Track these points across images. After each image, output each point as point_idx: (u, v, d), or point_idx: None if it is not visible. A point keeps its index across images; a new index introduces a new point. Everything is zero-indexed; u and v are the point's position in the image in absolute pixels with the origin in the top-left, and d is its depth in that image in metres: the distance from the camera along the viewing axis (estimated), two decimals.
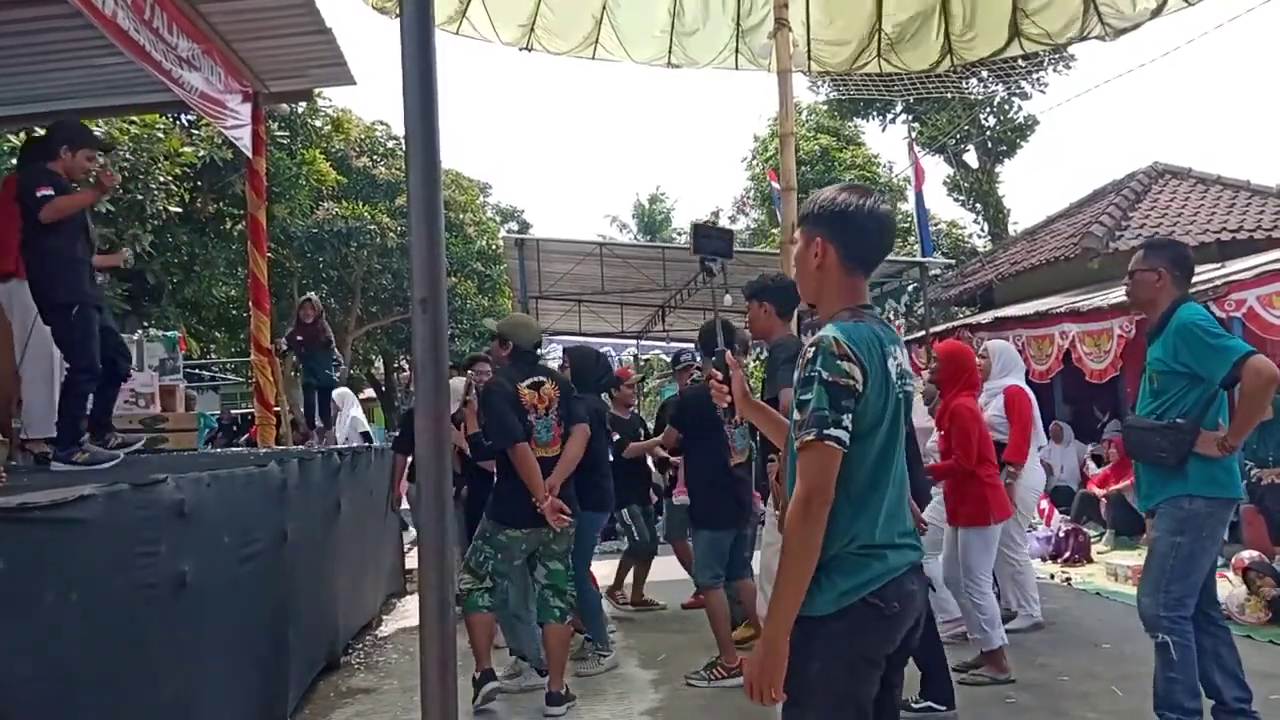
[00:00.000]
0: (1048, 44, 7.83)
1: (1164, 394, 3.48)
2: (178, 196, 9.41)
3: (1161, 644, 3.36)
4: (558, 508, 4.31)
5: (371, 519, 6.54)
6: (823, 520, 1.90)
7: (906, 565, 2.02)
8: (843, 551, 1.95)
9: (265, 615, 3.97)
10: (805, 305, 3.27)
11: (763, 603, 3.96)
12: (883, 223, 2.10)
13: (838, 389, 1.91)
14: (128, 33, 4.93)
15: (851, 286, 2.11)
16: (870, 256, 2.14)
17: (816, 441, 1.90)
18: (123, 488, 2.66)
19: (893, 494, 2.02)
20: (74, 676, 2.34)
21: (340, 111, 15.97)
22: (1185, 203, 12.83)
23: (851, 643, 1.95)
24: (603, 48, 7.82)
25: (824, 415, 1.90)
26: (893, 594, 1.96)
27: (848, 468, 1.93)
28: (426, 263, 1.49)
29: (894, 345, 2.06)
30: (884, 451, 2.00)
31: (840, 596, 1.94)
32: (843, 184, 2.21)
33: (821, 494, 1.90)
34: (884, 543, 1.99)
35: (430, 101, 1.49)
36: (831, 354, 1.93)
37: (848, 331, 1.97)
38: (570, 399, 4.59)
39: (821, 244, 2.10)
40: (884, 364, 1.99)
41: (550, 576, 4.49)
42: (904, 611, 1.99)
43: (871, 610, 1.94)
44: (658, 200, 38.78)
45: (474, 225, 19.00)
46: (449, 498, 1.53)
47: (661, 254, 13.77)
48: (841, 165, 25.85)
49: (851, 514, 1.96)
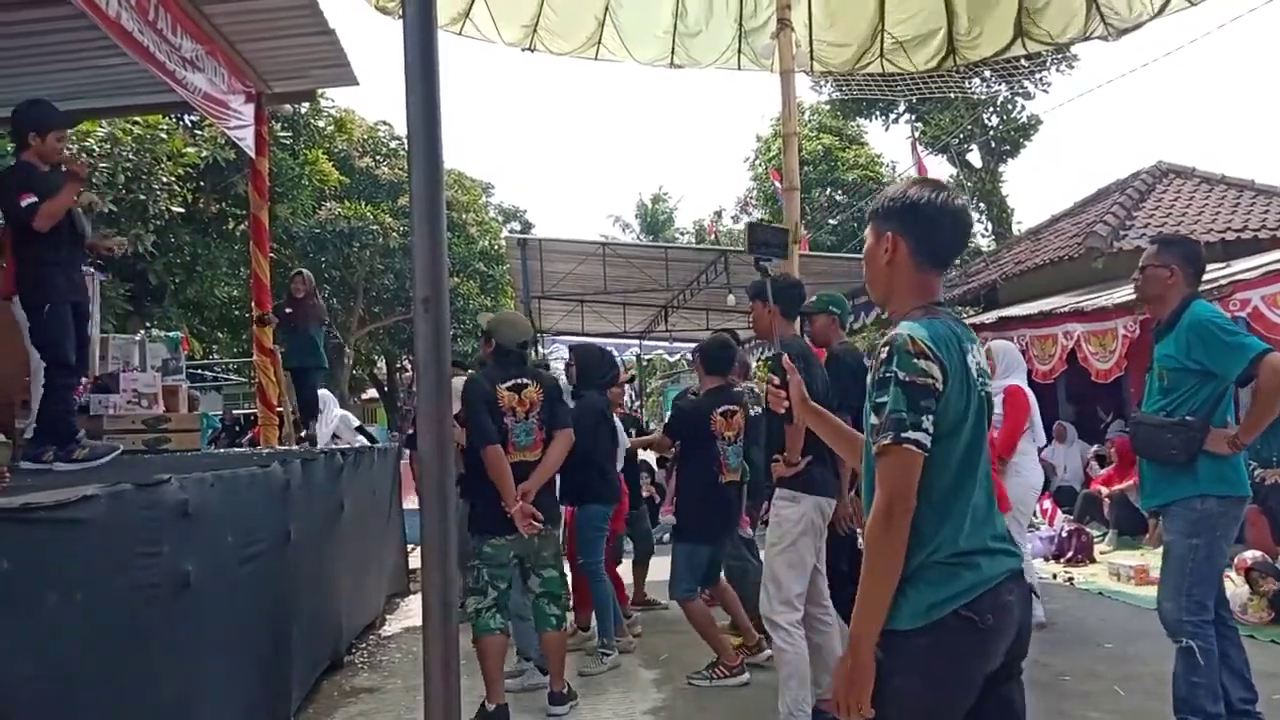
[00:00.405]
0: (1050, 44, 7.83)
1: (1174, 391, 3.46)
2: (180, 197, 9.43)
3: (1186, 649, 3.32)
4: (528, 513, 4.10)
5: (374, 519, 6.55)
6: (905, 529, 1.80)
7: (1003, 574, 1.88)
8: (928, 561, 1.84)
9: (268, 615, 3.97)
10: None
11: (764, 603, 3.96)
12: (956, 216, 2.00)
13: (916, 389, 1.81)
14: (131, 34, 4.94)
15: (924, 283, 2.01)
16: (943, 252, 2.04)
17: (895, 445, 1.80)
18: (126, 488, 2.67)
19: (980, 497, 1.90)
20: (76, 676, 2.35)
21: (343, 112, 15.99)
22: (1190, 202, 12.81)
23: (942, 658, 1.82)
24: (605, 48, 7.83)
25: (902, 417, 1.80)
26: (987, 605, 1.83)
27: (930, 472, 1.83)
28: (429, 263, 1.49)
29: (971, 343, 1.96)
30: (968, 453, 1.89)
31: (929, 609, 1.82)
32: (914, 178, 2.12)
33: (903, 501, 1.80)
34: (975, 549, 1.86)
35: (433, 102, 1.49)
36: (908, 352, 1.83)
37: (924, 329, 1.87)
38: (555, 403, 4.39)
39: (892, 239, 2.00)
40: (963, 361, 1.89)
41: (545, 584, 4.34)
42: (1000, 625, 1.85)
43: (964, 624, 1.81)
44: (660, 200, 38.79)
45: (477, 225, 19.01)
46: (451, 497, 1.53)
47: (664, 254, 13.78)
48: (845, 165, 25.87)
49: (936, 521, 1.85)
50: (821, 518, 3.99)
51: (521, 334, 4.50)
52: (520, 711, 4.48)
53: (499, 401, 4.22)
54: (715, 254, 13.47)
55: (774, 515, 3.99)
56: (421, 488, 1.51)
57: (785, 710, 3.82)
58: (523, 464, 4.20)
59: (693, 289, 13.78)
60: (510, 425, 4.23)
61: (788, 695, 3.82)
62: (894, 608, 1.82)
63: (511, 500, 4.08)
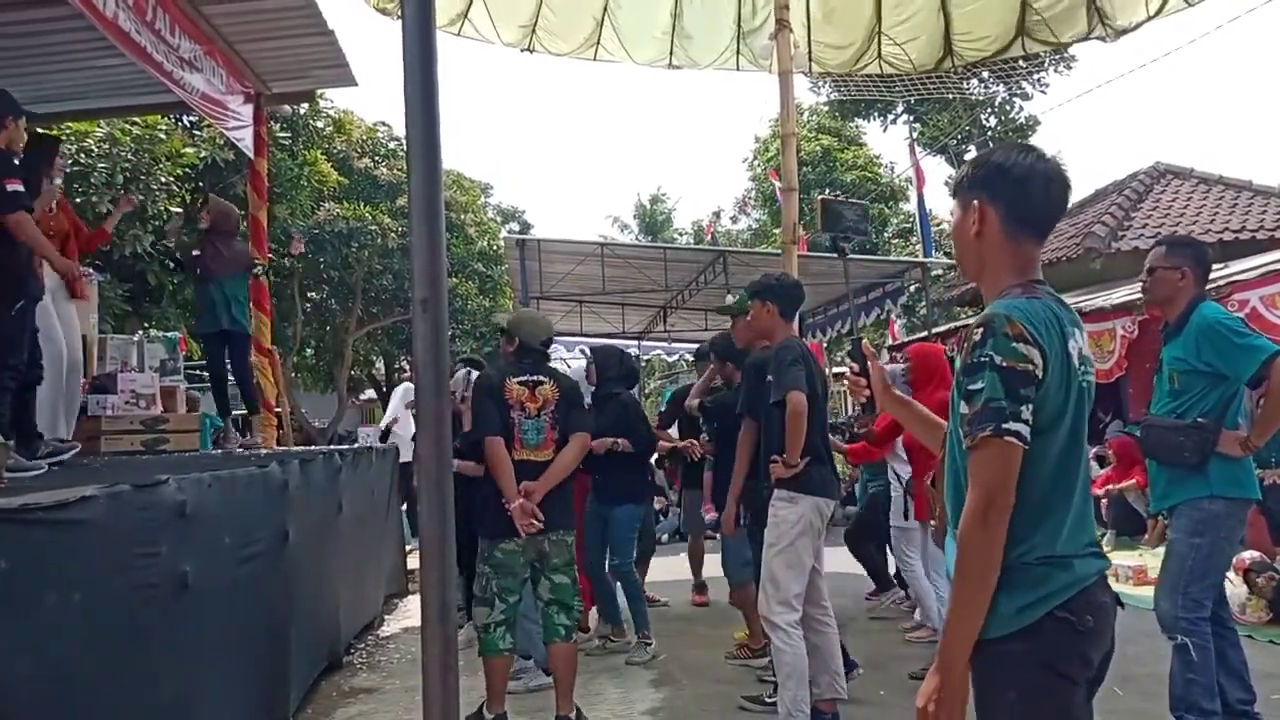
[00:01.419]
0: (1049, 44, 7.84)
1: (1185, 393, 3.45)
2: (179, 197, 9.41)
3: (1180, 645, 3.33)
4: (528, 512, 3.91)
5: (373, 519, 6.55)
6: (1003, 529, 1.65)
7: (1095, 574, 1.74)
8: (1017, 562, 1.68)
9: (267, 615, 3.97)
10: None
11: (763, 603, 3.96)
12: (1050, 176, 1.80)
13: (1015, 375, 1.64)
14: (129, 34, 4.94)
15: (1019, 257, 1.82)
16: (1038, 217, 1.83)
17: (994, 437, 1.63)
18: (124, 488, 2.67)
19: (1079, 499, 1.74)
20: (75, 677, 2.35)
21: (342, 112, 15.96)
22: (1187, 203, 12.83)
23: (1041, 666, 1.67)
24: (604, 49, 7.84)
25: (1001, 406, 1.63)
26: (1084, 606, 1.69)
27: (1026, 468, 1.67)
28: (427, 263, 1.49)
29: (1074, 326, 1.78)
30: (1068, 449, 1.72)
31: (1020, 612, 1.67)
32: (1003, 144, 1.93)
33: (1003, 498, 1.64)
34: (1069, 553, 1.71)
35: (432, 102, 1.49)
36: (1005, 335, 1.66)
37: (1022, 309, 1.70)
38: (573, 406, 4.24)
39: (979, 208, 1.82)
40: (1064, 346, 1.71)
41: (555, 591, 4.14)
42: (1099, 627, 1.71)
43: (1061, 625, 1.67)
44: (659, 200, 38.78)
45: (475, 226, 18.99)
46: (450, 497, 1.53)
47: (663, 254, 13.75)
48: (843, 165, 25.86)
49: (1030, 521, 1.69)
50: (820, 518, 3.99)
51: (544, 331, 4.42)
52: (520, 713, 4.46)
53: (506, 395, 4.09)
54: (714, 254, 13.46)
55: (772, 516, 3.98)
56: (421, 487, 1.51)
57: (784, 710, 3.82)
58: (530, 463, 4.04)
59: (691, 289, 13.77)
60: (518, 420, 4.07)
61: (786, 695, 3.82)
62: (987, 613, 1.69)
63: (512, 495, 3.94)
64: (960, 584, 1.68)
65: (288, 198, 11.80)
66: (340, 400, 17.95)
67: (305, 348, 16.95)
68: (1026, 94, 22.44)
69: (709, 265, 13.13)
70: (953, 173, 23.34)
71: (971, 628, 1.66)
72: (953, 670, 1.67)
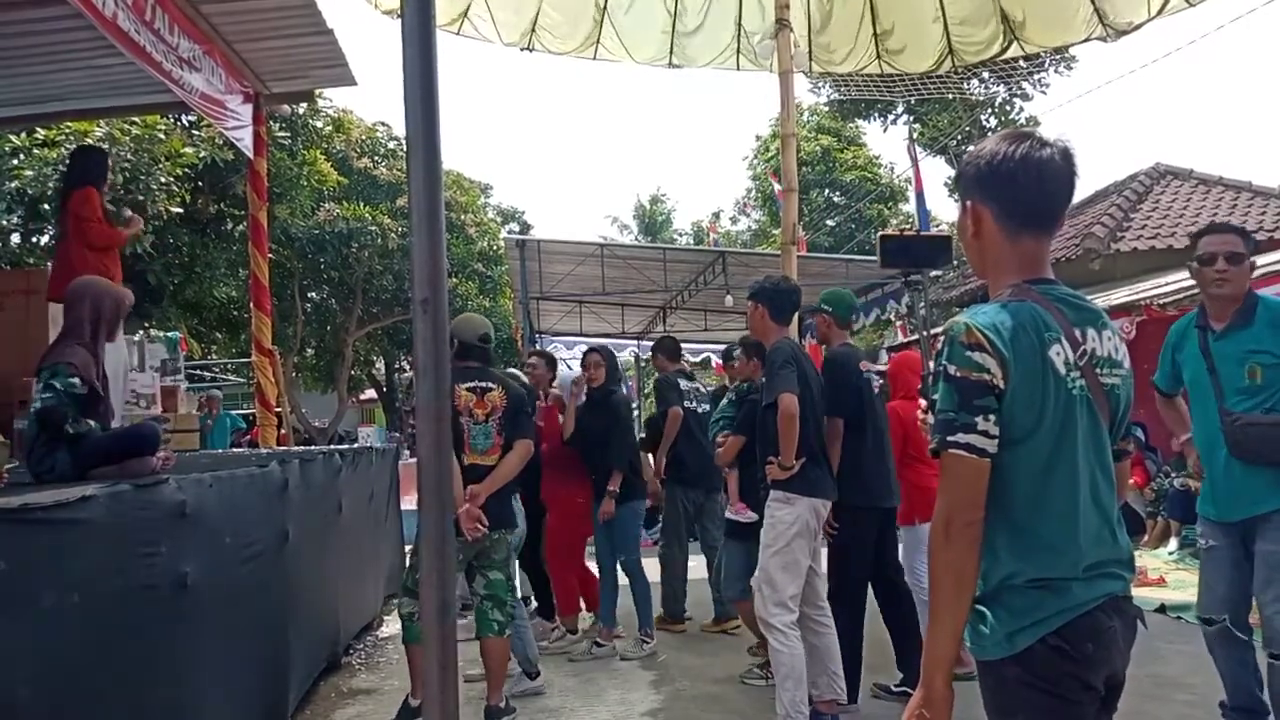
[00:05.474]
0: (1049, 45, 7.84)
1: (1270, 388, 3.20)
2: (179, 197, 9.40)
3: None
4: (474, 516, 4.01)
5: (373, 519, 6.54)
6: (969, 543, 1.61)
7: (1100, 598, 1.66)
8: (1005, 585, 1.65)
9: (266, 616, 3.96)
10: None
11: (759, 604, 3.96)
12: (1041, 165, 1.69)
13: (968, 385, 1.60)
14: (128, 34, 4.93)
15: (1020, 254, 1.74)
16: (1034, 211, 1.73)
17: (943, 449, 1.63)
18: (124, 488, 2.67)
19: (1084, 516, 1.67)
20: (74, 677, 2.35)
21: (341, 112, 15.96)
22: (1187, 204, 12.82)
23: (1037, 691, 1.63)
24: (604, 48, 7.84)
25: (950, 418, 1.61)
26: (1082, 633, 1.63)
27: (1002, 482, 1.62)
28: (428, 263, 1.49)
29: (1075, 328, 1.68)
30: (1053, 462, 1.64)
31: (1010, 638, 1.64)
32: (999, 133, 1.83)
33: (962, 513, 1.61)
34: (1065, 575, 1.64)
35: (432, 102, 1.49)
36: (961, 344, 1.63)
37: (988, 316, 1.65)
38: (518, 413, 4.34)
39: (973, 208, 1.77)
40: (1041, 352, 1.63)
41: (490, 587, 4.23)
42: (1100, 655, 1.65)
43: (1055, 654, 1.62)
44: (659, 201, 38.84)
45: (475, 226, 18.98)
46: (450, 497, 1.53)
47: (662, 255, 13.78)
48: (843, 166, 25.91)
49: (1015, 540, 1.65)
50: (816, 519, 3.99)
51: (479, 327, 4.47)
52: (522, 714, 4.46)
53: (456, 401, 4.17)
54: (713, 255, 13.48)
55: (768, 517, 3.99)
56: (420, 488, 1.51)
57: (783, 711, 3.82)
58: (478, 467, 4.16)
59: (691, 290, 13.79)
60: (467, 426, 4.19)
61: (785, 696, 3.82)
62: (980, 635, 1.67)
63: (459, 500, 3.99)
64: (933, 598, 1.67)
65: (287, 198, 11.79)
66: (340, 400, 17.96)
67: (305, 348, 16.94)
68: (1027, 94, 22.51)
69: (708, 266, 13.14)
70: (953, 173, 23.43)
71: (947, 642, 1.64)
72: (934, 684, 1.65)
